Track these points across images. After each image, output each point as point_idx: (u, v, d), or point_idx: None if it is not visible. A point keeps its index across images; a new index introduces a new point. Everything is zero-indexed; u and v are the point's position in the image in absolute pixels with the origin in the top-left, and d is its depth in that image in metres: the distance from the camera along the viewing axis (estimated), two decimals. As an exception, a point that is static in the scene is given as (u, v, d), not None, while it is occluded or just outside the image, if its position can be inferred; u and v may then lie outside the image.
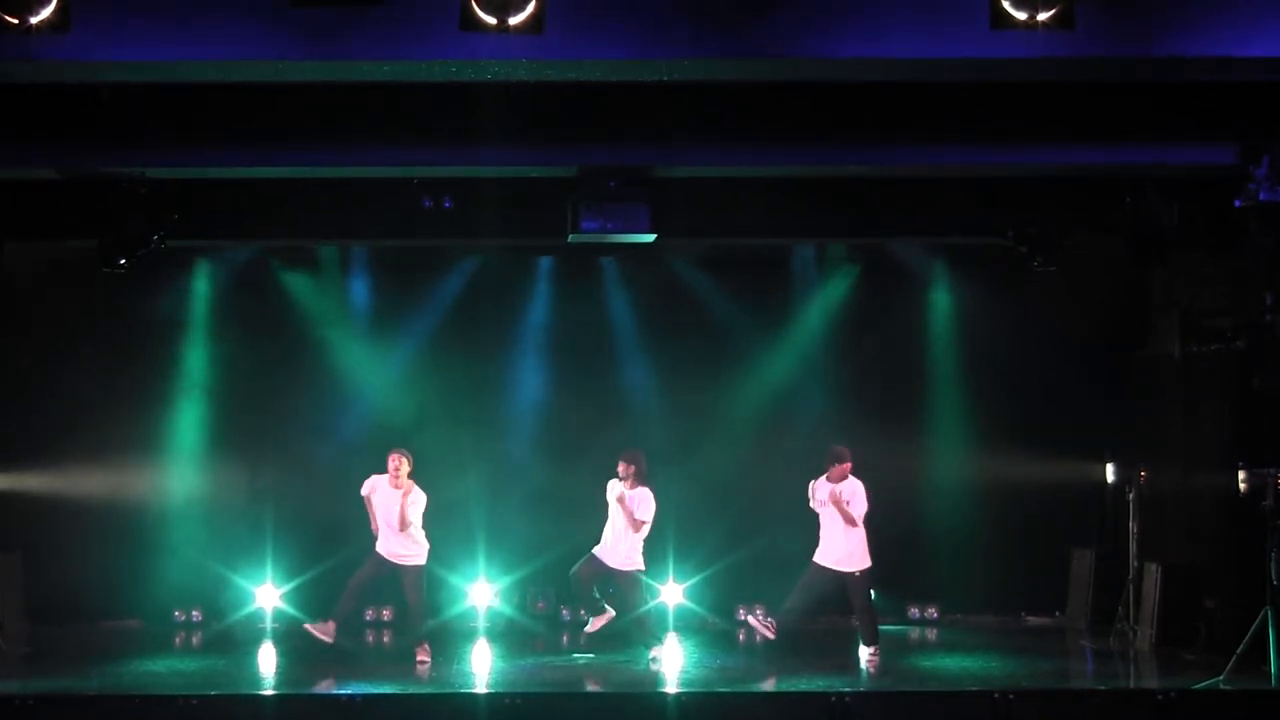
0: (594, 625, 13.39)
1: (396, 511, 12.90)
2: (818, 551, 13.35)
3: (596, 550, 13.25)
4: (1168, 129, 11.79)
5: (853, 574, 13.25)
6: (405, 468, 13.00)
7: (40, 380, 15.45)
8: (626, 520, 13.08)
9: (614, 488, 13.23)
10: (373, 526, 13.12)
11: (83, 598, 15.49)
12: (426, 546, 13.14)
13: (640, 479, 13.18)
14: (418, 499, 13.01)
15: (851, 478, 13.34)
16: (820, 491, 13.34)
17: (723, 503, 15.78)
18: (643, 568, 13.34)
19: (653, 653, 13.26)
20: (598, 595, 13.33)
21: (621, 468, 13.18)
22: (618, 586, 13.36)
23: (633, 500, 13.11)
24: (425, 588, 13.28)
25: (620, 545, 13.16)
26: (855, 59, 9.85)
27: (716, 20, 9.69)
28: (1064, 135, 11.89)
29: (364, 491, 13.15)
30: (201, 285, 15.98)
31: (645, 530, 13.18)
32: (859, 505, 13.23)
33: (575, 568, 13.27)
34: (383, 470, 13.08)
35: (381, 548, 13.06)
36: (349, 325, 16.20)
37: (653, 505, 13.17)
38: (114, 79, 10.63)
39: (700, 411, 16.02)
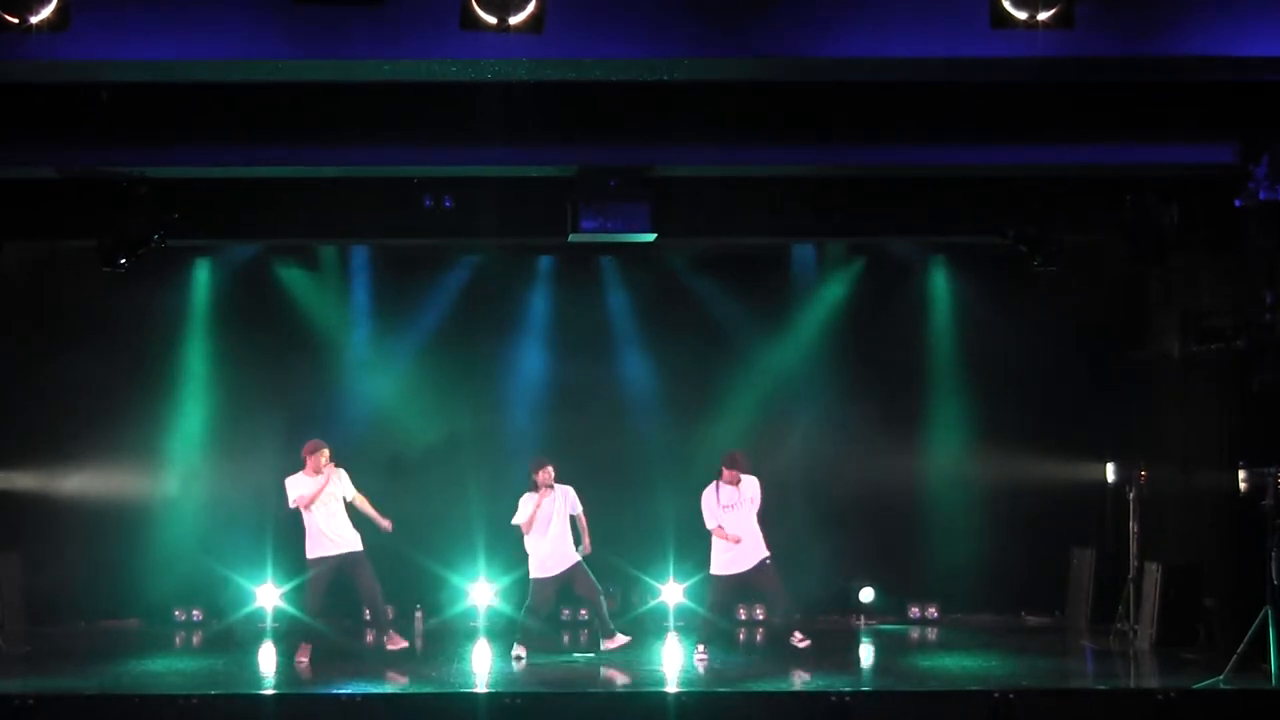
0: (610, 644, 13.42)
1: (337, 493, 13.08)
2: (731, 558, 13.19)
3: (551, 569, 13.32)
4: (1168, 129, 11.79)
5: (765, 560, 13.22)
6: (323, 459, 13.14)
7: (41, 379, 15.42)
8: (563, 519, 13.23)
9: (552, 498, 13.24)
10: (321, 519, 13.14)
11: (83, 598, 15.51)
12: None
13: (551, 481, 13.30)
14: (340, 474, 13.19)
15: (746, 476, 13.31)
16: (725, 495, 13.22)
17: (723, 502, 15.76)
18: (583, 553, 13.39)
19: (604, 644, 13.32)
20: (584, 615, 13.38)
21: (543, 475, 13.21)
22: (571, 585, 13.41)
23: (566, 498, 13.25)
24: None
25: (562, 545, 13.23)
26: (855, 58, 9.86)
27: (716, 19, 9.70)
28: (1064, 135, 11.88)
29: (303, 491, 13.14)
30: (202, 284, 15.99)
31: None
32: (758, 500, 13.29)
33: (529, 604, 13.36)
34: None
35: (332, 548, 13.08)
36: (349, 324, 16.21)
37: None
38: (114, 79, 10.64)
39: (700, 410, 16.00)
